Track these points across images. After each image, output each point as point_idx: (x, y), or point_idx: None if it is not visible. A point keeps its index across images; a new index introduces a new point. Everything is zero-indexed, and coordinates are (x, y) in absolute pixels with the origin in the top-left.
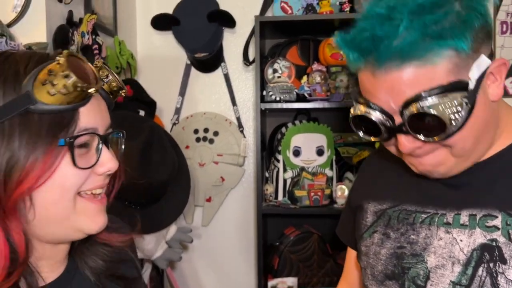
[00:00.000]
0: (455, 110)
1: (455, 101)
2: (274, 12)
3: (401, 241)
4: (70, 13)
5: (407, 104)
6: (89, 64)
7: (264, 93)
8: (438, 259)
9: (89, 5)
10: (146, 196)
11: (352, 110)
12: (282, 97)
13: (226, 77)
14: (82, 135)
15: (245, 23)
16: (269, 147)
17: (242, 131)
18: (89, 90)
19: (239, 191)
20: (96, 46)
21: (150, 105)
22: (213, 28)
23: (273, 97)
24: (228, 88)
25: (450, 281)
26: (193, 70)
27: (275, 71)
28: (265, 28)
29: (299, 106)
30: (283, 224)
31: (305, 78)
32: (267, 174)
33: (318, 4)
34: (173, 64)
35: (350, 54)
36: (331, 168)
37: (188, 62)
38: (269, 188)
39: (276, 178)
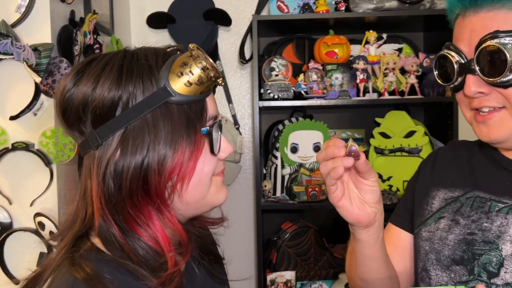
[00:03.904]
0: None
1: None
2: (271, 11)
3: (471, 227)
4: (72, 13)
5: (483, 40)
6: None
7: (262, 91)
8: None
9: (89, 5)
10: None
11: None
12: (280, 95)
13: (222, 75)
14: (215, 123)
15: (239, 21)
16: (265, 144)
17: (238, 129)
18: (218, 80)
19: (236, 188)
20: (97, 45)
21: None
22: (209, 27)
23: (271, 95)
24: (223, 85)
25: None
26: None
27: (272, 69)
28: (261, 26)
29: (296, 104)
30: (278, 219)
31: (301, 76)
32: (264, 171)
33: (314, 3)
34: None
35: (451, 2)
36: None
37: None
38: (267, 184)
39: (274, 174)
